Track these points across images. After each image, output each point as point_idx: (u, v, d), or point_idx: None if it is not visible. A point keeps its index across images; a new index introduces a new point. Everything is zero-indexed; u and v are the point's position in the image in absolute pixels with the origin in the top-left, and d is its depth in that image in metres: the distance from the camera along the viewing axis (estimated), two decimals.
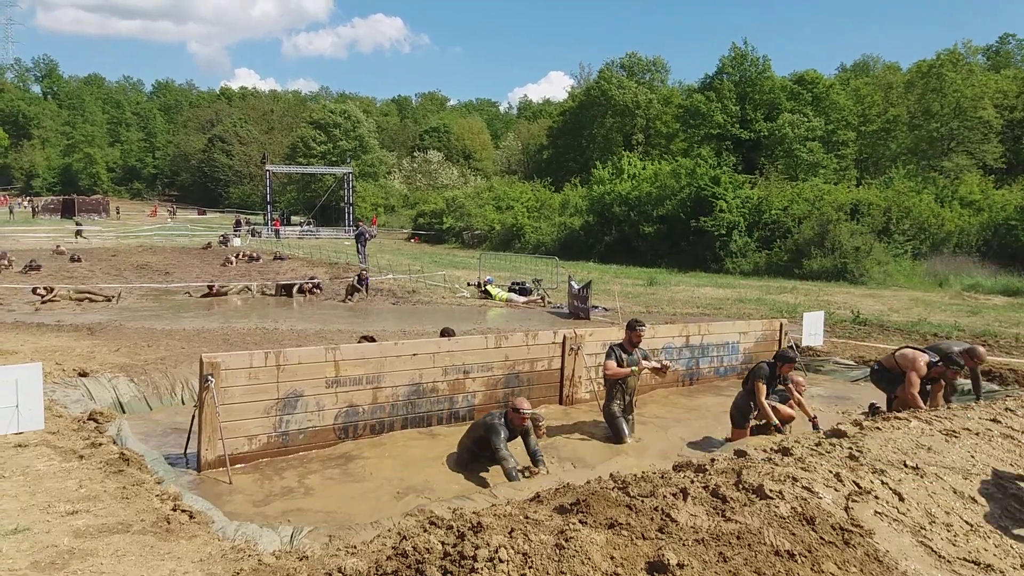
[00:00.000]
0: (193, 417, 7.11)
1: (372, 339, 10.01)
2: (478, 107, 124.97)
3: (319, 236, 51.42)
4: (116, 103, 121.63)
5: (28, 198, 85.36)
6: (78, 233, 41.38)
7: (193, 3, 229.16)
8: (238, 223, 53.47)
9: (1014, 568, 4.18)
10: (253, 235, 48.49)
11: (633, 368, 8.17)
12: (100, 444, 6.56)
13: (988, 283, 25.79)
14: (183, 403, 9.18)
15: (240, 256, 30.94)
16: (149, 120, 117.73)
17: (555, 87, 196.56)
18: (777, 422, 7.92)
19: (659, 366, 8.50)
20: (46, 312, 16.36)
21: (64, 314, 16.08)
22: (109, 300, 18.51)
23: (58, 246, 32.39)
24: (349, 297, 20.24)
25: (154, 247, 37.38)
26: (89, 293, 18.73)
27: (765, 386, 7.98)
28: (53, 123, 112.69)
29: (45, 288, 17.88)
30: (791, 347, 7.96)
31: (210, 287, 20.87)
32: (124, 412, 8.68)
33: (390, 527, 4.88)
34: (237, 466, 7.00)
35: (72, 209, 66.64)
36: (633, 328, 8.28)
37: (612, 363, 8.15)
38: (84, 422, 7.46)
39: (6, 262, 25.61)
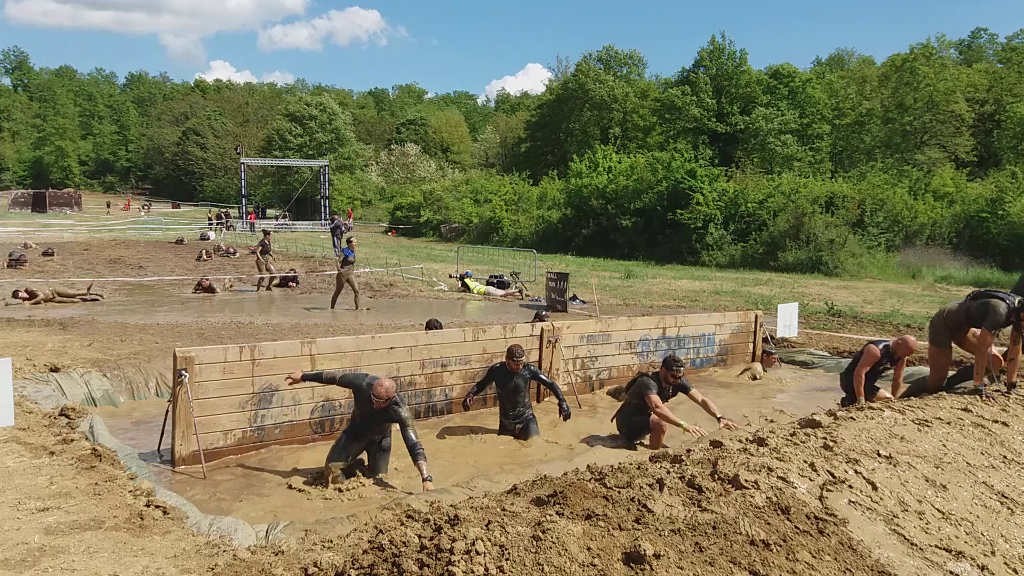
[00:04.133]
0: (167, 412, 7.04)
1: (438, 324, 9.87)
2: (456, 100, 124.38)
3: (295, 229, 51.01)
4: (88, 95, 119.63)
5: None
6: None
7: None
8: (213, 217, 52.86)
9: (984, 555, 4.25)
10: (227, 228, 47.97)
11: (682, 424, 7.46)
12: (72, 440, 6.48)
13: (960, 275, 26.17)
14: (157, 398, 9.08)
15: (218, 250, 30.57)
16: (122, 113, 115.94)
17: (533, 80, 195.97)
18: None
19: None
20: (16, 307, 16.09)
21: (35, 309, 15.84)
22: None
23: (26, 243, 31.74)
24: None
25: (127, 241, 36.92)
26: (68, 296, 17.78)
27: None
28: (24, 115, 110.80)
29: (27, 292, 17.29)
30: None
31: (205, 286, 20.16)
32: (96, 407, 8.57)
33: (367, 521, 4.85)
34: (212, 461, 6.95)
35: (43, 203, 65.41)
36: (670, 368, 7.77)
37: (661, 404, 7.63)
38: (55, 418, 7.36)
39: None
